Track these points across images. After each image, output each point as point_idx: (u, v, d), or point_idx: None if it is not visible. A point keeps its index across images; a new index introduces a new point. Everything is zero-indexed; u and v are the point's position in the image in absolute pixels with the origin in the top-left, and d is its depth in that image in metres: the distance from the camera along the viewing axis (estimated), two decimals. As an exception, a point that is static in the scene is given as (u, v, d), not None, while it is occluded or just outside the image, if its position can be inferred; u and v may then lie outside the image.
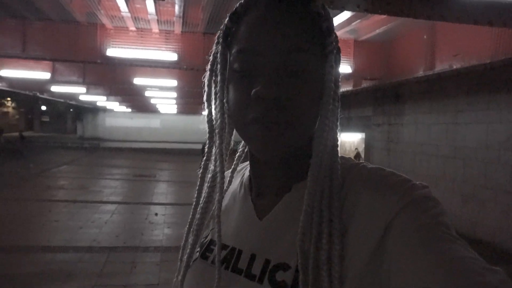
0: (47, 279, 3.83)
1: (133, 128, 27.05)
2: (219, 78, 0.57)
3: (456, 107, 6.25)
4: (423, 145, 7.01)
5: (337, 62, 0.56)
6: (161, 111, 23.89)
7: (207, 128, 0.61)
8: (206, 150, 0.62)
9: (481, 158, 5.69)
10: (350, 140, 14.58)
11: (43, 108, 34.09)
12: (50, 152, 17.79)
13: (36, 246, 4.84)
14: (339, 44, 0.58)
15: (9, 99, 29.25)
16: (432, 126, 6.83)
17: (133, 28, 5.66)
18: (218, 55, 0.57)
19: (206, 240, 0.64)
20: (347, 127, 10.34)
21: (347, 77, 6.57)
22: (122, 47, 5.72)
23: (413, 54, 5.74)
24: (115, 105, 21.34)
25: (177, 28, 5.67)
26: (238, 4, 0.56)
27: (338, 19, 4.76)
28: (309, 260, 0.49)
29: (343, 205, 0.51)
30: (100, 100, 17.44)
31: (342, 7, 2.89)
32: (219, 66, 0.57)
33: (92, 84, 10.95)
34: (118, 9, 4.80)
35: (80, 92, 12.73)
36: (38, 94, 13.85)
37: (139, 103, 18.17)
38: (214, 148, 0.60)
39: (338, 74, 0.56)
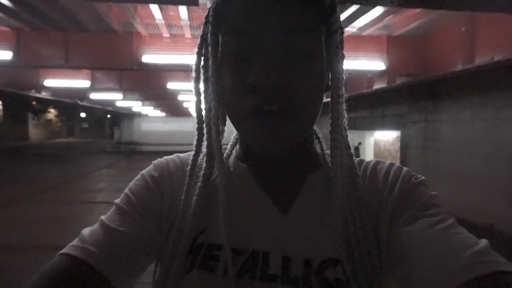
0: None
1: (167, 132, 27.72)
2: (211, 61, 0.50)
3: (498, 102, 5.94)
4: (463, 143, 6.72)
5: (341, 44, 0.51)
6: (193, 115, 24.39)
7: (196, 119, 0.55)
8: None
9: (527, 156, 5.39)
10: (384, 138, 14.19)
11: (83, 115, 35.70)
12: (90, 157, 18.63)
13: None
14: (371, 41, 0.55)
15: (52, 107, 30.95)
16: (472, 123, 6.53)
17: (167, 35, 5.84)
18: (209, 36, 0.50)
19: (198, 244, 0.51)
20: (381, 125, 10.09)
21: (381, 74, 6.43)
22: (156, 53, 5.91)
23: (450, 47, 5.53)
24: (149, 110, 22.02)
25: (209, 32, 5.79)
26: None
27: (370, 16, 4.67)
28: (354, 251, 0.48)
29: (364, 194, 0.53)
30: (136, 106, 18.07)
31: (375, 2, 2.85)
32: (210, 48, 0.50)
33: (128, 90, 11.36)
34: (152, 17, 4.97)
35: (117, 98, 13.25)
36: (78, 101, 14.56)
37: (172, 107, 18.65)
38: (206, 140, 0.53)
39: (344, 56, 0.51)
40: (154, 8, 4.59)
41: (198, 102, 0.53)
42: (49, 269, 0.44)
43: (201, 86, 0.53)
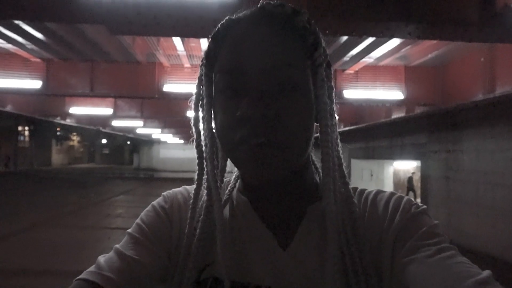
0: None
1: (185, 159, 28.00)
2: (205, 101, 0.54)
3: (522, 132, 5.79)
4: (487, 173, 6.51)
5: (329, 77, 0.53)
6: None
7: (196, 154, 0.57)
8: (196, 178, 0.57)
9: (556, 187, 5.16)
10: (404, 168, 13.90)
11: (104, 141, 36.58)
12: (109, 182, 18.91)
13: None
14: (389, 71, 0.55)
15: (75, 133, 31.93)
16: (495, 152, 6.35)
17: (188, 65, 6.04)
18: (203, 77, 0.54)
19: (205, 278, 0.53)
20: (400, 155, 9.93)
21: (399, 103, 6.41)
22: (177, 83, 6.11)
23: (469, 77, 5.49)
24: (168, 137, 22.44)
25: (228, 63, 5.97)
26: (220, 24, 0.52)
27: (387, 47, 4.72)
28: (352, 285, 0.49)
29: (363, 226, 0.53)
30: (155, 133, 18.47)
31: (392, 35, 2.90)
32: (204, 88, 0.54)
33: (149, 118, 11.66)
34: (174, 48, 5.18)
35: (138, 125, 13.59)
36: (100, 128, 14.99)
37: (191, 135, 18.97)
38: (205, 175, 0.56)
39: (332, 88, 0.54)
40: (177, 40, 4.78)
41: (198, 138, 0.57)
42: None
43: (200, 122, 0.56)
